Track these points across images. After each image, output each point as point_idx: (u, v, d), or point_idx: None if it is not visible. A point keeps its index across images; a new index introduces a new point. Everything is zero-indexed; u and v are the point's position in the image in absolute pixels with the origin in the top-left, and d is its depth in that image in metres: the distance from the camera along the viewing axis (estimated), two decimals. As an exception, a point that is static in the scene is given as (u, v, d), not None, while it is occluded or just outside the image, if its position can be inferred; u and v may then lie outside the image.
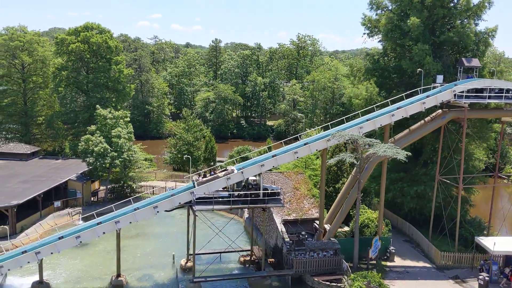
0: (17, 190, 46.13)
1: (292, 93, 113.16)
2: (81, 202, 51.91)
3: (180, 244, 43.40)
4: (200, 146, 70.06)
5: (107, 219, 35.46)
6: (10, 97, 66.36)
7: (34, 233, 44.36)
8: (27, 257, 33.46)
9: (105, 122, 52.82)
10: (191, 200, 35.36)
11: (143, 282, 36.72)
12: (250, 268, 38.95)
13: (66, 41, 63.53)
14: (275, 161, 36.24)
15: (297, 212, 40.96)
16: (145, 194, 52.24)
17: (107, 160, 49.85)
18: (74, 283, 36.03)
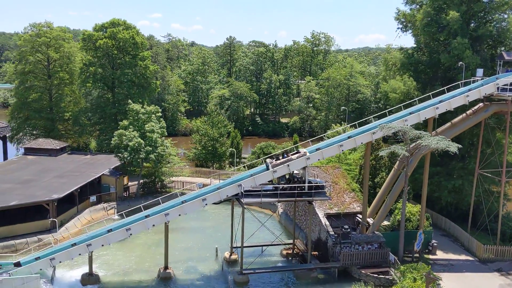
0: (54, 184, 46.27)
1: (307, 90, 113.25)
2: (115, 197, 52.03)
3: (218, 238, 43.67)
4: (224, 142, 70.06)
5: (155, 211, 35.62)
6: (36, 93, 66.49)
7: (73, 227, 44.64)
8: (78, 249, 33.69)
9: (137, 117, 52.94)
10: (238, 192, 35.57)
11: (190, 274, 36.85)
12: (294, 261, 39.06)
13: (93, 37, 63.63)
14: (321, 154, 36.36)
15: (339, 206, 41.05)
16: (185, 189, 52.07)
17: (142, 154, 49.96)
18: (122, 275, 36.17)
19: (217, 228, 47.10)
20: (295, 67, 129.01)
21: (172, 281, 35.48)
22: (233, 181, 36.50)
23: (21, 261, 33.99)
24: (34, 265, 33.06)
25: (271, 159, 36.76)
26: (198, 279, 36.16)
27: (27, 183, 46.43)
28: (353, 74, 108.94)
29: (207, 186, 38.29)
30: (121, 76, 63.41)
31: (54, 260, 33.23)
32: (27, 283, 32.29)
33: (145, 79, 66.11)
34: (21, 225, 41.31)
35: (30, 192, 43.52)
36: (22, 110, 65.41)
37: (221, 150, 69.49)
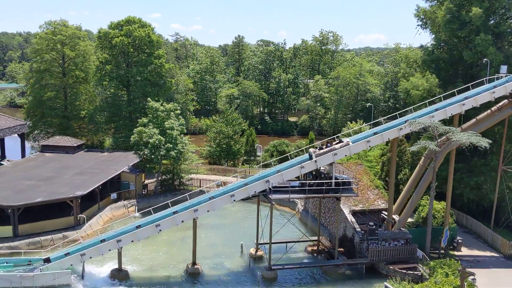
0: (76, 181, 46.30)
1: (316, 89, 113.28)
2: (134, 194, 52.07)
3: (240, 234, 43.81)
4: (238, 139, 70.10)
5: (184, 207, 35.66)
6: (52, 92, 66.63)
7: (96, 224, 44.69)
8: (109, 245, 33.75)
9: (156, 115, 53.00)
10: (266, 189, 35.61)
11: (217, 270, 36.88)
12: (319, 258, 39.09)
13: (109, 35, 63.68)
14: (348, 150, 36.36)
15: (363, 203, 41.06)
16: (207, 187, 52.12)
17: (162, 151, 50.01)
18: (150, 271, 36.23)
19: (237, 225, 47.22)
20: (303, 66, 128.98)
21: (201, 276, 35.51)
22: (260, 177, 36.53)
23: (50, 257, 34.16)
24: (65, 261, 33.17)
25: (314, 148, 36.75)
26: (225, 274, 36.19)
27: (48, 180, 46.47)
28: (362, 73, 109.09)
29: (233, 183, 38.28)
30: (136, 74, 63.42)
31: (85, 255, 33.31)
32: (59, 278, 32.43)
33: (160, 78, 66.15)
34: (45, 222, 41.34)
35: (53, 189, 43.57)
36: (38, 108, 65.53)
37: (235, 148, 69.58)
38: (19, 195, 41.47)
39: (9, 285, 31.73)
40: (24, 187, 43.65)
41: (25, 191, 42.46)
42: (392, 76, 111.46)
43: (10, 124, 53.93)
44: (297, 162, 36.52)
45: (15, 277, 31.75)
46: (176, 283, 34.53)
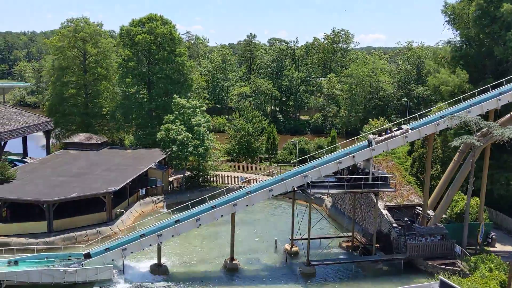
0: (106, 177, 46.37)
1: (329, 87, 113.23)
2: (161, 190, 52.16)
3: (271, 230, 44.01)
4: (257, 137, 70.11)
5: (222, 202, 35.72)
6: (73, 89, 66.76)
7: (127, 219, 44.80)
8: (150, 239, 33.83)
9: (182, 111, 53.07)
10: (304, 183, 35.64)
11: (254, 265, 36.94)
12: (354, 253, 39.12)
13: (131, 32, 63.72)
14: (386, 145, 36.37)
15: (397, 198, 41.04)
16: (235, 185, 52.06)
17: (190, 148, 50.08)
18: (188, 266, 36.36)
19: (266, 221, 47.31)
20: (314, 64, 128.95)
21: (239, 272, 35.57)
22: (297, 172, 36.57)
23: (91, 252, 34.21)
24: (107, 256, 33.25)
25: (374, 135, 36.77)
26: (263, 270, 36.24)
27: (79, 176, 46.58)
28: (374, 71, 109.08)
29: (270, 178, 38.32)
30: (158, 72, 63.43)
31: (126, 250, 33.40)
32: (101, 273, 32.51)
33: (181, 75, 66.12)
34: (79, 217, 41.47)
35: (85, 185, 43.65)
36: (59, 106, 65.61)
37: (255, 146, 69.57)
38: (53, 190, 41.57)
39: (51, 280, 31.84)
40: (56, 183, 43.75)
41: (58, 187, 42.56)
42: (404, 74, 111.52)
43: (36, 121, 54.03)
44: (335, 157, 36.53)
45: (58, 272, 31.83)
46: (215, 278, 34.56)
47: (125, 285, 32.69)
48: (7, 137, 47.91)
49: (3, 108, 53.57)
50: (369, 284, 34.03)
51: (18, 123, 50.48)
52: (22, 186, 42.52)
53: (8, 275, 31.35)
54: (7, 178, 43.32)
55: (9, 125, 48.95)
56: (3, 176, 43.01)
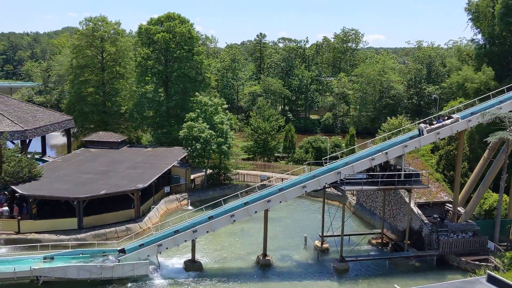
0: (132, 175, 46.42)
1: (340, 86, 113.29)
2: (184, 188, 52.19)
3: (298, 227, 44.07)
4: (275, 135, 70.14)
5: (255, 198, 35.78)
6: (91, 87, 66.88)
7: (154, 216, 44.86)
8: (185, 235, 33.89)
9: (204, 109, 53.11)
10: (337, 180, 35.66)
11: (286, 262, 36.95)
12: (384, 250, 39.14)
13: (150, 30, 63.79)
14: (418, 142, 36.45)
15: (426, 195, 41.04)
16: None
17: (213, 146, 50.11)
18: (221, 262, 36.38)
19: (292, 218, 47.27)
20: (324, 64, 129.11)
21: (272, 268, 35.59)
22: (329, 169, 36.59)
23: (125, 248, 34.26)
24: (142, 252, 33.27)
25: (425, 124, 36.75)
26: (296, 266, 36.26)
27: (104, 173, 46.61)
28: (385, 70, 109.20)
29: (301, 175, 38.35)
30: (177, 70, 63.48)
31: (161, 246, 33.42)
32: (137, 269, 32.54)
33: (199, 73, 66.16)
34: (108, 214, 41.49)
35: (112, 182, 43.70)
36: (78, 104, 65.71)
37: (272, 144, 69.57)
38: (81, 188, 41.60)
39: (89, 276, 31.88)
40: (83, 181, 43.77)
41: (85, 184, 42.59)
42: (415, 73, 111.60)
43: (58, 119, 54.06)
44: (366, 154, 36.59)
45: (95, 268, 31.86)
46: (249, 274, 34.58)
47: (161, 281, 32.69)
48: (32, 134, 47.96)
49: (25, 106, 53.61)
50: (404, 279, 33.99)
51: (42, 121, 50.51)
52: (50, 183, 42.55)
53: (45, 271, 31.41)
54: (34, 175, 43.36)
55: (33, 123, 48.99)
56: (31, 174, 43.05)
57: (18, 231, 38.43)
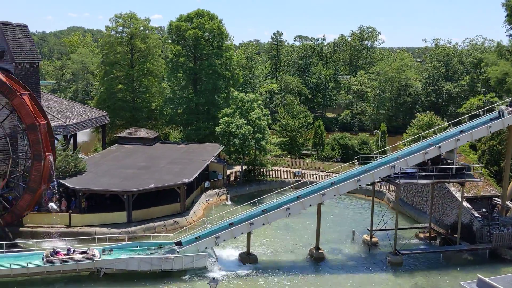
0: (173, 170, 46.62)
1: (359, 84, 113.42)
2: (221, 183, 52.40)
3: (340, 222, 44.26)
4: (303, 132, 70.28)
5: (308, 192, 35.96)
6: (121, 84, 67.10)
7: (198, 211, 45.10)
8: (241, 228, 34.08)
9: (241, 105, 53.31)
10: (391, 174, 35.81)
11: (338, 255, 37.11)
12: (433, 244, 39.28)
13: (181, 27, 63.97)
14: (470, 136, 36.61)
15: (473, 189, 41.09)
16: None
17: (252, 141, 50.31)
18: (275, 255, 36.54)
19: (333, 213, 47.34)
20: (341, 62, 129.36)
21: (325, 261, 35.76)
22: (381, 163, 36.77)
23: (182, 240, 34.47)
24: (201, 244, 33.45)
25: (506, 106, 36.75)
26: (348, 259, 36.43)
27: (146, 168, 46.83)
28: (403, 68, 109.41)
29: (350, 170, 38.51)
30: (208, 67, 63.59)
31: (219, 238, 33.62)
32: (196, 261, 32.73)
33: (229, 70, 66.30)
34: (155, 208, 41.76)
35: (157, 177, 43.88)
36: (109, 100, 65.91)
37: (300, 141, 69.71)
38: (128, 182, 41.83)
39: (149, 268, 32.11)
40: (128, 175, 43.98)
41: (132, 179, 42.81)
42: (433, 71, 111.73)
43: (95, 115, 54.21)
44: (419, 148, 36.74)
45: (156, 260, 32.08)
46: (304, 266, 34.77)
47: (220, 273, 32.83)
48: (74, 129, 48.07)
49: (62, 101, 53.74)
50: (459, 272, 34.08)
51: (81, 116, 50.67)
52: (96, 178, 42.78)
53: (107, 263, 31.65)
54: (79, 170, 43.62)
55: (73, 118, 49.10)
56: (76, 168, 43.30)
57: (69, 225, 38.68)
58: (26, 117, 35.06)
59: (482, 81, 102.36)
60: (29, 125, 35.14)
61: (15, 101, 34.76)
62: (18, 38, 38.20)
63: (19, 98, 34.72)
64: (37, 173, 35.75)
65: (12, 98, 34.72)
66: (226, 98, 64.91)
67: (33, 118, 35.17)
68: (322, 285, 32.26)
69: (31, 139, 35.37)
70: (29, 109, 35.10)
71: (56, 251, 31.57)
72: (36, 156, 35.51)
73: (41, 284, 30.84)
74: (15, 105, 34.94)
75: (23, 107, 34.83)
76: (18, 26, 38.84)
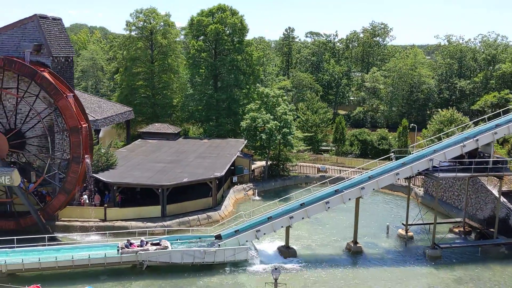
0: (203, 164, 46.62)
1: (372, 81, 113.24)
2: (248, 178, 52.41)
3: (370, 216, 44.07)
4: (324, 127, 70.24)
5: (347, 185, 35.93)
6: (141, 81, 67.12)
7: (228, 205, 45.12)
8: (282, 221, 34.17)
9: (266, 100, 53.28)
10: (429, 167, 35.78)
11: (374, 249, 37.07)
12: (468, 238, 39.26)
13: (203, 22, 63.90)
14: (508, 129, 36.56)
15: (507, 184, 41.02)
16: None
17: (279, 136, 50.30)
18: (311, 249, 36.53)
19: (363, 209, 46.50)
20: (353, 58, 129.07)
21: (363, 255, 35.76)
22: (418, 156, 36.72)
23: (221, 234, 34.50)
24: (241, 237, 33.51)
25: None
26: (386, 253, 36.37)
27: (176, 163, 46.86)
28: (416, 65, 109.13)
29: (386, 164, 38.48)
30: (230, 62, 63.53)
31: (259, 232, 33.65)
32: (238, 254, 32.74)
33: (250, 66, 66.22)
34: (189, 202, 41.81)
35: (188, 171, 43.89)
36: (131, 96, 65.95)
37: (319, 137, 69.64)
38: (161, 175, 41.88)
39: (192, 261, 32.16)
40: (159, 169, 44.02)
41: (164, 172, 42.86)
42: (446, 68, 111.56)
43: (120, 110, 54.29)
44: (457, 141, 36.71)
45: (199, 253, 32.11)
46: (342, 260, 34.76)
47: (262, 265, 32.86)
48: (103, 124, 48.18)
49: (88, 97, 53.80)
50: (498, 266, 34.14)
51: (108, 111, 50.73)
52: (128, 172, 42.82)
53: (150, 256, 31.70)
54: (111, 164, 43.65)
55: (101, 113, 49.20)
56: (108, 162, 43.33)
57: (105, 219, 38.72)
58: (70, 120, 35.01)
59: (496, 77, 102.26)
60: (72, 128, 35.11)
61: (61, 103, 34.70)
62: (54, 31, 38.19)
63: (64, 100, 34.67)
64: (74, 175, 35.72)
65: (58, 100, 34.63)
66: (247, 94, 64.90)
67: (76, 120, 35.16)
68: (365, 278, 32.25)
69: (72, 141, 35.31)
70: (74, 112, 35.09)
71: (131, 242, 32.34)
72: (75, 158, 35.48)
73: (85, 276, 30.89)
74: (60, 106, 34.88)
75: (68, 109, 34.78)
76: (53, 19, 38.82)
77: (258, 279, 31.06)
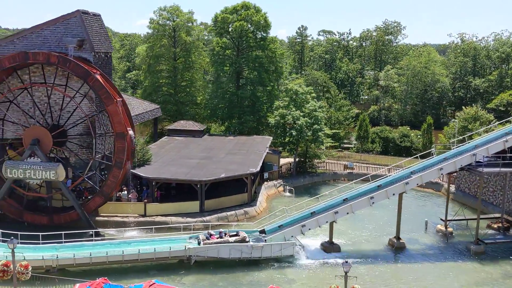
0: (235, 160, 46.60)
1: (386, 79, 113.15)
2: (277, 175, 52.42)
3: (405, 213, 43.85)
4: (347, 125, 70.20)
5: (389, 181, 35.90)
6: (164, 79, 67.12)
7: (262, 201, 45.16)
8: (326, 216, 34.21)
9: (294, 97, 53.26)
10: (472, 162, 35.75)
11: (415, 245, 36.99)
12: (507, 234, 39.20)
13: (227, 20, 63.86)
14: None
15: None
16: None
17: (309, 133, 50.27)
18: (354, 245, 36.47)
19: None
20: (366, 57, 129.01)
21: (406, 250, 35.75)
22: (459, 151, 36.70)
23: (266, 229, 34.53)
24: (287, 232, 33.53)
25: None
26: (428, 248, 36.33)
27: (209, 159, 46.85)
28: (430, 63, 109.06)
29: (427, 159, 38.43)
30: (254, 60, 63.42)
31: (305, 227, 33.68)
32: (284, 249, 32.75)
33: (273, 63, 66.12)
34: (226, 198, 41.84)
35: (223, 166, 43.84)
36: (155, 94, 65.93)
37: (342, 133, 69.58)
38: (198, 171, 41.90)
39: (239, 256, 32.17)
40: (193, 165, 44.03)
41: (200, 168, 42.89)
42: (460, 66, 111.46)
43: (149, 108, 54.32)
44: (497, 136, 36.69)
45: (246, 248, 32.10)
46: (387, 256, 34.73)
47: (308, 261, 32.89)
48: (134, 121, 48.04)
49: (117, 94, 53.82)
50: (544, 261, 34.12)
51: (137, 109, 50.74)
52: (165, 168, 42.85)
53: (198, 251, 31.72)
54: (146, 160, 43.68)
55: (132, 110, 49.03)
56: (143, 158, 43.36)
57: (144, 214, 38.76)
58: (118, 125, 35.10)
59: (511, 75, 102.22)
60: (118, 133, 35.21)
61: (111, 108, 34.75)
62: (95, 27, 38.24)
63: (115, 106, 34.73)
64: (114, 179, 35.79)
65: (108, 104, 34.70)
66: (271, 92, 64.85)
67: (124, 127, 35.25)
68: (413, 273, 32.20)
69: (117, 147, 35.41)
70: (122, 118, 35.13)
71: (211, 233, 33.03)
72: (117, 163, 35.57)
73: (134, 271, 30.91)
74: (109, 111, 34.94)
75: (117, 115, 34.85)
76: (94, 15, 38.85)
77: (307, 275, 31.09)
